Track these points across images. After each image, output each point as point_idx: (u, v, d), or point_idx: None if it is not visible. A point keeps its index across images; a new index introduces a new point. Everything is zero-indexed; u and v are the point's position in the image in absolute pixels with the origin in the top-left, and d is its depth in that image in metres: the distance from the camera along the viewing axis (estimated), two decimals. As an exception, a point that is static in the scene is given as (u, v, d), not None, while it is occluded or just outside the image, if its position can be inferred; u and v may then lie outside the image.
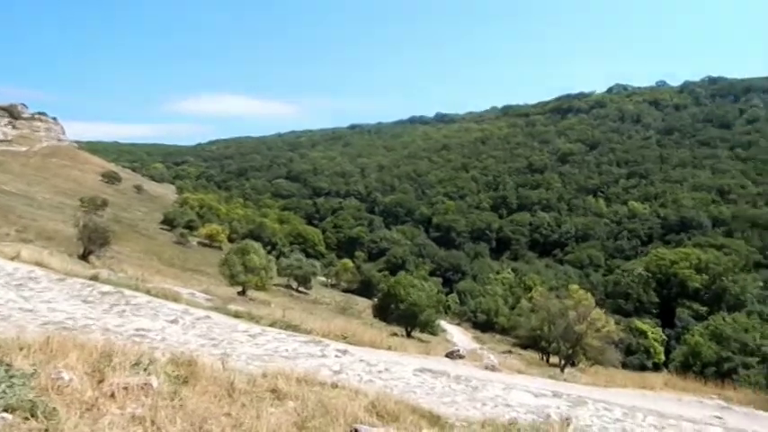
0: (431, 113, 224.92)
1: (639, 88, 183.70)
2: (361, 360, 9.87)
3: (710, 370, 32.22)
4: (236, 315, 12.69)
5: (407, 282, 38.52)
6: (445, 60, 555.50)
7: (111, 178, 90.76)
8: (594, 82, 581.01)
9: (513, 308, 54.44)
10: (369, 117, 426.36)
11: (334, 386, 6.51)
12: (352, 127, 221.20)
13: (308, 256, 71.09)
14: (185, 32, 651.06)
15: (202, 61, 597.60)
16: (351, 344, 11.61)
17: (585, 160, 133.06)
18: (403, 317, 35.13)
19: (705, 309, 60.22)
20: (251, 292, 35.54)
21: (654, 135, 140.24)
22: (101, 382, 4.32)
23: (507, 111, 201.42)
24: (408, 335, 34.27)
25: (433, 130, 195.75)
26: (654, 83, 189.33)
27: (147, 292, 13.02)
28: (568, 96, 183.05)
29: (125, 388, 4.20)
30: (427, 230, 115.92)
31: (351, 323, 17.97)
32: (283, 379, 5.91)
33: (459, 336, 45.25)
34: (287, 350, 9.72)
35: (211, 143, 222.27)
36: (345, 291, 76.21)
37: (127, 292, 12.17)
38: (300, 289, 56.64)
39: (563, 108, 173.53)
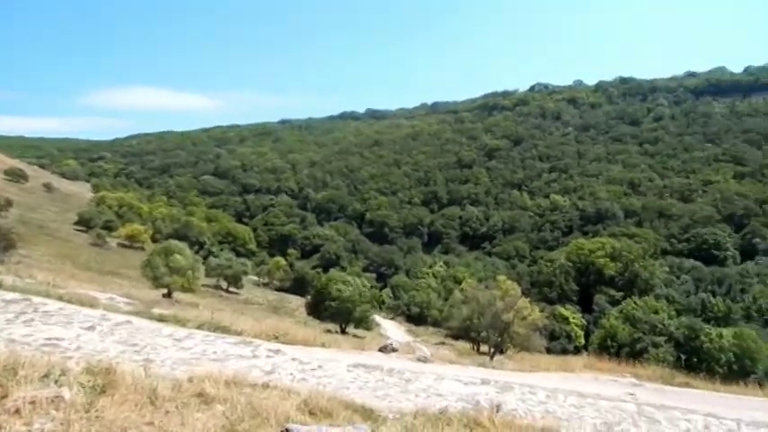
0: (362, 109, 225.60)
1: (559, 87, 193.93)
2: (294, 359, 9.74)
3: (625, 350, 34.69)
4: (161, 318, 12.10)
5: (341, 278, 38.43)
6: (375, 57, 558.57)
7: (15, 176, 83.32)
8: (518, 81, 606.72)
9: (445, 300, 55.79)
10: (299, 112, 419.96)
11: (266, 387, 6.38)
12: (283, 122, 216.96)
13: (238, 255, 69.13)
14: (97, 20, 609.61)
15: (117, 52, 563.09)
16: (283, 343, 11.43)
17: (511, 156, 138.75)
18: (337, 314, 35.01)
19: (620, 294, 64.65)
20: (177, 295, 34.00)
21: (572, 132, 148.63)
22: (3, 398, 3.96)
23: (437, 108, 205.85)
24: (343, 331, 34.22)
25: (364, 125, 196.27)
26: (571, 82, 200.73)
27: (60, 298, 12.11)
28: (494, 94, 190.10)
29: (32, 402, 3.88)
30: (360, 226, 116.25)
31: (283, 322, 17.69)
32: (211, 382, 5.71)
33: (393, 330, 45.80)
34: (216, 352, 9.40)
35: (131, 138, 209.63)
36: (278, 289, 74.84)
37: (35, 299, 11.25)
38: (231, 289, 54.96)
39: (489, 105, 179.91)
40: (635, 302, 39.85)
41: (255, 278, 77.47)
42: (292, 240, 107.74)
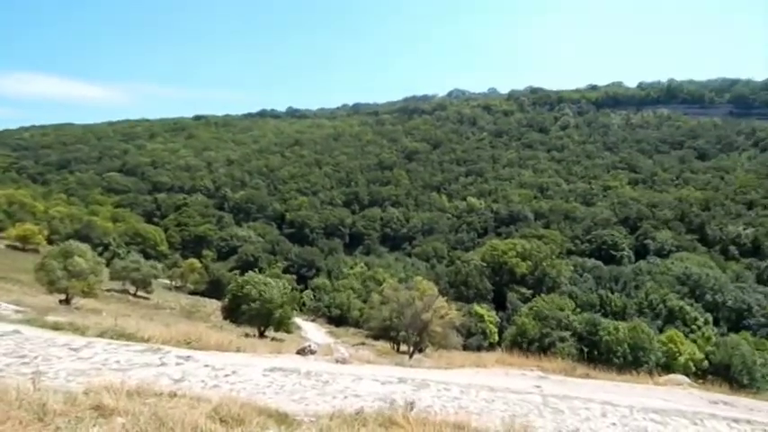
0: (282, 108, 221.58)
1: (475, 94, 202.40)
2: (207, 365, 9.31)
3: (534, 345, 36.81)
4: (56, 327, 11.10)
5: (259, 280, 37.39)
6: (296, 55, 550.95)
7: None
8: (437, 86, 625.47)
9: (365, 301, 56.09)
10: (214, 108, 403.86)
11: (173, 395, 6.03)
12: (197, 118, 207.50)
13: (147, 257, 65.22)
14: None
15: (3, 35, 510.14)
16: (195, 349, 10.90)
17: (430, 159, 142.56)
18: (255, 317, 34.03)
19: (530, 292, 68.54)
20: (77, 301, 31.41)
21: (487, 137, 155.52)
22: None
23: (358, 109, 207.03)
24: (261, 335, 33.34)
25: (284, 124, 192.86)
26: (486, 90, 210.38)
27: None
28: (414, 98, 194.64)
29: None
30: (280, 227, 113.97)
31: (197, 327, 16.87)
32: (111, 393, 5.31)
33: (313, 332, 45.33)
34: (119, 362, 8.76)
35: (23, 129, 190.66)
36: (192, 293, 71.56)
37: None
38: (139, 293, 51.70)
39: (409, 109, 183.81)
40: (543, 300, 42.35)
41: (167, 281, 73.54)
42: (208, 241, 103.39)
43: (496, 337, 49.55)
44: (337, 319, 58.57)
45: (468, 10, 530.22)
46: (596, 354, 31.55)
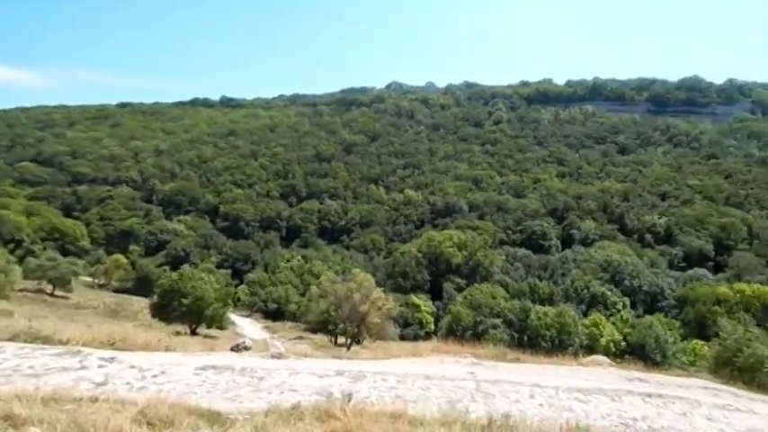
0: (215, 96, 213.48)
1: (413, 88, 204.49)
2: (133, 366, 8.86)
3: (469, 333, 38.02)
4: (-41, 332, 10.15)
5: (191, 275, 36.02)
6: (229, 41, 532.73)
7: None
8: (375, 78, 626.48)
9: (303, 294, 55.57)
10: (142, 95, 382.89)
11: (94, 400, 5.69)
12: (123, 105, 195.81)
13: (66, 253, 61.28)
14: None
15: None
16: (120, 350, 10.34)
17: (368, 151, 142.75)
18: (187, 314, 32.76)
19: (465, 281, 70.59)
20: (-14, 302, 28.96)
21: (424, 130, 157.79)
22: None
23: (295, 99, 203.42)
24: (193, 332, 32.20)
25: (218, 114, 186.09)
26: (424, 83, 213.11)
27: None
28: (352, 90, 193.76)
29: None
30: (213, 220, 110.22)
31: (122, 327, 16.02)
32: (23, 401, 4.93)
33: (249, 327, 44.35)
34: (32, 367, 8.15)
35: None
36: (117, 291, 67.89)
37: None
38: (57, 293, 48.36)
39: (348, 101, 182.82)
40: (477, 289, 43.70)
41: (89, 279, 69.35)
42: (135, 236, 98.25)
43: (433, 327, 50.66)
44: (274, 314, 57.62)
45: (410, 3, 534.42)
46: (526, 339, 33.00)
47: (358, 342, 27.35)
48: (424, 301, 55.78)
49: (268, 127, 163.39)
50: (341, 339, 30.55)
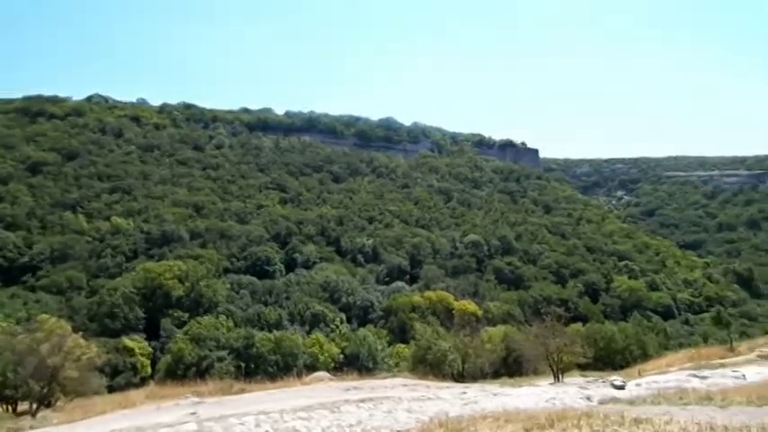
0: None
1: (121, 102, 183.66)
2: None
3: (192, 370, 35.31)
4: None
5: None
6: None
7: None
8: (71, 87, 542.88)
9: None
10: None
11: None
12: None
13: None
14: None
15: None
16: None
17: (63, 172, 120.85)
18: None
19: (187, 314, 65.84)
20: None
21: (136, 151, 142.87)
22: None
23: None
24: None
25: None
26: (135, 99, 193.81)
27: None
28: (39, 98, 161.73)
29: None
30: None
31: None
32: None
33: None
34: None
35: None
36: None
37: None
38: None
39: (33, 111, 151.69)
40: (199, 322, 41.37)
41: None
42: None
43: (149, 370, 45.78)
44: None
45: (120, 9, 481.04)
46: (253, 367, 32.69)
47: (48, 405, 22.30)
48: (138, 343, 49.80)
49: None
50: (23, 405, 24.43)
